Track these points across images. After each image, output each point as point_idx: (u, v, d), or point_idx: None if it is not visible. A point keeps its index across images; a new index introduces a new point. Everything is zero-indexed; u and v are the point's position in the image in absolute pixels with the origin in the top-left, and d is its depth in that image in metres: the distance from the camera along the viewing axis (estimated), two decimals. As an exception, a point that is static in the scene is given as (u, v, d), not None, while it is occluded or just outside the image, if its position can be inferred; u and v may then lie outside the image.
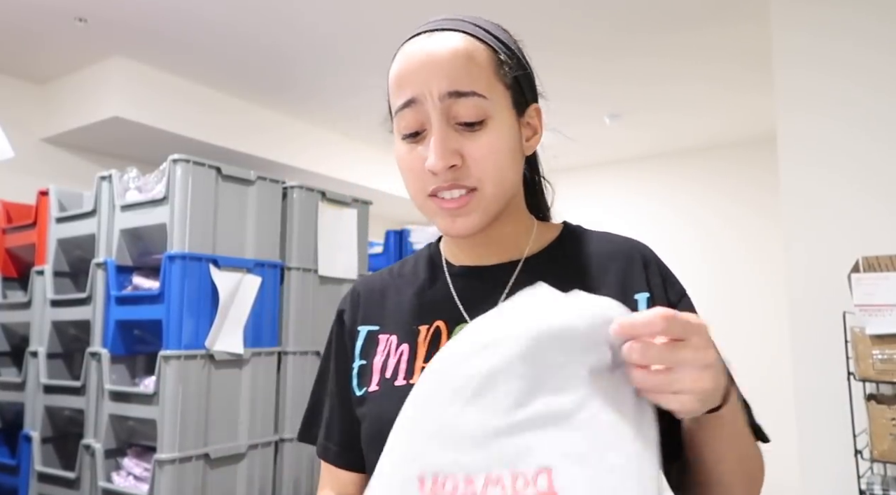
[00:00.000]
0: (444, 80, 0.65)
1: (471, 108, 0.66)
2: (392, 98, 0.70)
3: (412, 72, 0.67)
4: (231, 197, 2.24)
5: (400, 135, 0.70)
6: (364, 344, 0.78)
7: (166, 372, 2.00)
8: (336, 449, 0.79)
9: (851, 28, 2.50)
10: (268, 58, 3.86)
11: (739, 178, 5.22)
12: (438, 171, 0.66)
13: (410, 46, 0.69)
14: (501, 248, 0.75)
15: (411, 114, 0.67)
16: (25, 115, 4.10)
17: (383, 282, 0.82)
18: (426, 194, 0.69)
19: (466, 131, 0.66)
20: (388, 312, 0.78)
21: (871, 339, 1.98)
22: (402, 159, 0.71)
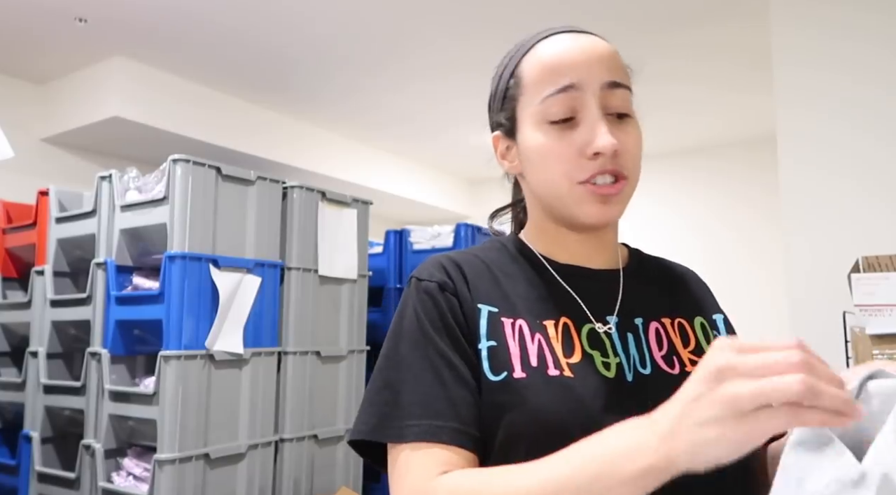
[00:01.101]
0: (606, 70, 0.69)
1: (623, 99, 0.70)
2: (538, 87, 0.71)
3: (574, 60, 0.70)
4: (231, 197, 2.24)
5: (546, 121, 0.70)
6: (489, 324, 0.70)
7: (166, 372, 2.00)
8: (459, 426, 0.65)
9: (851, 26, 2.50)
10: (268, 58, 3.86)
11: (739, 178, 5.22)
12: (609, 152, 0.67)
13: (562, 40, 0.72)
14: (603, 253, 0.77)
15: (566, 99, 0.69)
16: (25, 115, 4.10)
17: (477, 263, 0.75)
18: (577, 181, 0.69)
19: (617, 122, 0.70)
20: (505, 296, 0.72)
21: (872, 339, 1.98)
22: (547, 147, 0.70)
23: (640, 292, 0.75)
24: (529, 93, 0.72)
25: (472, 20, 3.30)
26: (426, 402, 0.66)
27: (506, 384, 0.66)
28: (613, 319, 0.71)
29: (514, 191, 0.89)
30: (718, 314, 0.78)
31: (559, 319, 0.71)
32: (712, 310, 0.79)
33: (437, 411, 0.65)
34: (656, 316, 0.73)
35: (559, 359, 0.68)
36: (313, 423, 2.43)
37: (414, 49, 3.69)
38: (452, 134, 5.19)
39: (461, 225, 3.13)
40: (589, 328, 0.70)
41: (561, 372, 0.67)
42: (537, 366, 0.67)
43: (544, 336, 0.70)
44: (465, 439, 0.65)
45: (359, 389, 2.66)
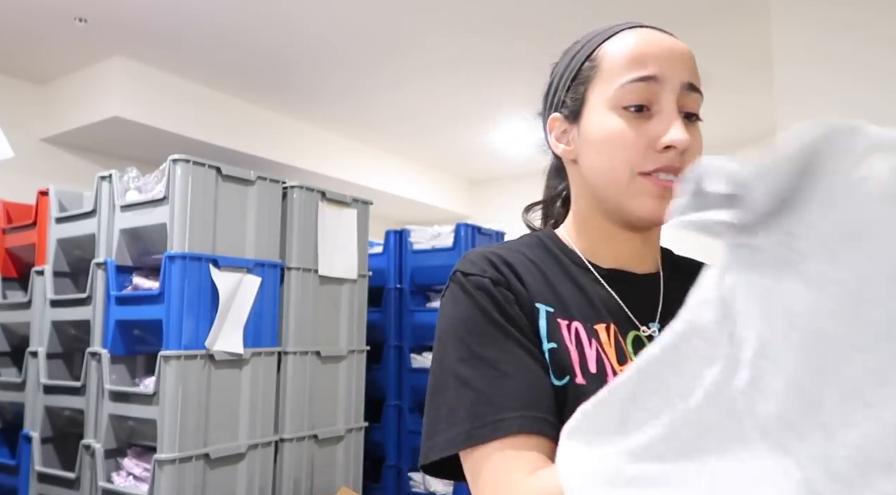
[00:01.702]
0: (688, 71, 0.72)
1: (697, 102, 0.73)
2: (621, 71, 0.71)
3: (660, 54, 0.71)
4: (231, 197, 2.24)
5: (618, 105, 0.70)
6: (548, 324, 0.66)
7: (166, 372, 2.00)
8: (552, 419, 0.61)
9: (851, 25, 2.50)
10: (268, 58, 3.86)
11: (739, 178, 5.22)
12: (682, 147, 0.68)
13: (651, 33, 0.75)
14: (649, 257, 0.76)
15: (646, 89, 0.69)
16: (25, 115, 4.10)
17: (524, 261, 0.71)
18: (638, 171, 0.68)
19: (687, 123, 0.72)
20: (558, 295, 0.69)
21: (872, 339, 1.97)
22: (616, 132, 0.69)
23: (678, 296, 0.66)
24: (606, 77, 0.71)
25: (472, 19, 3.30)
26: (520, 394, 0.61)
27: (567, 389, 0.63)
28: (656, 326, 0.70)
29: (550, 184, 0.83)
30: None
31: (609, 324, 0.68)
32: None
33: (533, 401, 0.61)
34: None
35: (615, 367, 0.65)
36: (313, 423, 2.43)
37: (413, 48, 3.69)
38: (452, 133, 5.19)
39: (461, 225, 3.13)
40: (634, 335, 0.69)
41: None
42: (596, 373, 0.64)
43: (598, 341, 0.67)
44: (557, 431, 0.55)
45: (359, 389, 2.66)
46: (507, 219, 4.95)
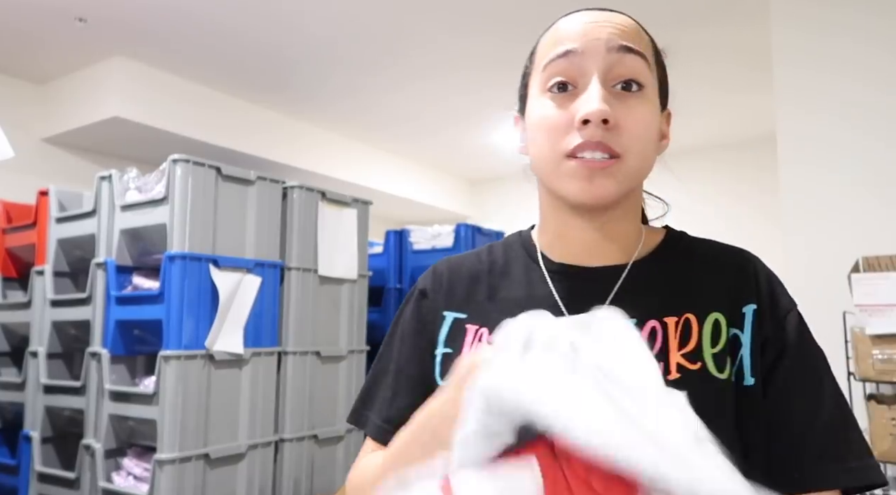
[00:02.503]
0: (617, 33, 0.65)
1: (636, 66, 0.64)
2: (544, 54, 0.67)
3: (581, 27, 0.66)
4: (231, 197, 2.24)
5: (544, 88, 0.66)
6: (450, 331, 0.73)
7: (166, 372, 2.00)
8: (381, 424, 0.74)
9: (851, 27, 2.50)
10: (268, 58, 3.86)
11: (739, 178, 5.22)
12: (595, 118, 0.61)
13: (580, 13, 0.68)
14: (610, 248, 0.70)
15: (566, 64, 0.65)
16: (25, 115, 4.10)
17: (472, 266, 0.77)
18: (565, 153, 0.64)
19: (622, 95, 0.64)
20: (477, 301, 0.73)
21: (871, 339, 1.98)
22: (542, 116, 0.66)
23: (645, 288, 0.68)
24: (537, 64, 0.69)
25: (472, 19, 3.30)
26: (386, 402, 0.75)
27: None
28: None
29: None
30: (751, 305, 0.67)
31: None
32: (744, 300, 0.67)
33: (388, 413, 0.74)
34: (658, 314, 0.66)
35: None
36: (313, 423, 2.43)
37: (413, 48, 3.69)
38: (452, 133, 5.19)
39: (461, 225, 3.13)
40: None
41: None
42: None
43: None
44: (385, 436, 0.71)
45: (358, 389, 2.65)
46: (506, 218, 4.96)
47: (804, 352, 0.66)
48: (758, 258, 0.73)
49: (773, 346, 0.66)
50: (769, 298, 0.68)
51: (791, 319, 0.67)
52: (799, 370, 0.65)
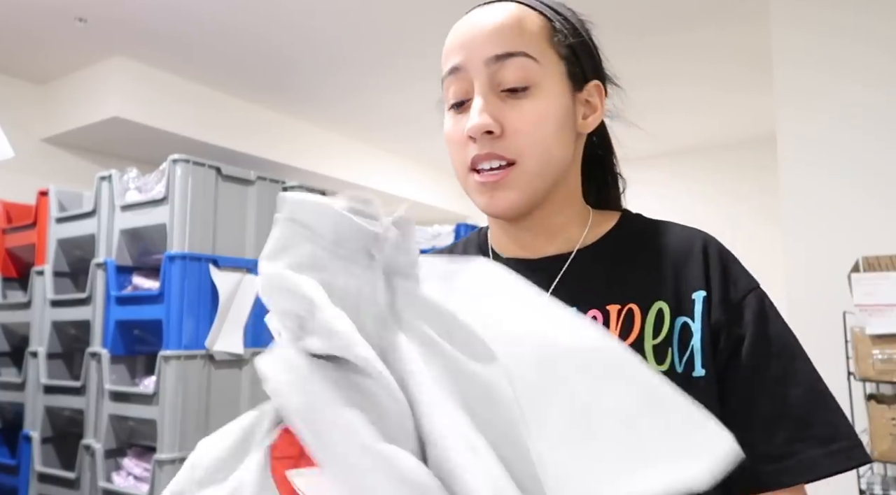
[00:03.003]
0: (490, 43, 0.63)
1: (518, 69, 0.63)
2: (443, 64, 0.68)
3: (461, 39, 0.66)
4: (231, 197, 2.24)
5: (448, 107, 0.68)
6: None
7: (166, 372, 2.00)
8: None
9: (851, 27, 2.50)
10: (268, 58, 3.86)
11: (739, 178, 5.22)
12: (475, 133, 0.62)
13: (463, 19, 0.68)
14: (551, 239, 0.70)
15: (456, 82, 0.66)
16: (25, 115, 4.10)
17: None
18: (467, 168, 0.65)
19: (510, 99, 0.63)
20: None
21: (871, 339, 1.98)
22: (447, 132, 0.68)
23: (591, 276, 0.67)
24: (442, 79, 0.70)
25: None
26: None
27: None
28: None
29: None
30: (700, 291, 0.63)
31: None
32: (693, 286, 0.64)
33: None
34: (600, 303, 0.64)
35: None
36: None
37: (414, 49, 3.69)
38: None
39: (461, 225, 3.13)
40: None
41: None
42: None
43: None
44: None
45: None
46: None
47: (767, 334, 0.62)
48: (712, 239, 0.68)
49: (730, 333, 0.62)
50: (721, 283, 0.64)
51: (750, 302, 0.64)
52: (763, 355, 0.61)
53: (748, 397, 0.60)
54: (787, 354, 0.62)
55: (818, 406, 0.59)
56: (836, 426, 0.58)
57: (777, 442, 0.58)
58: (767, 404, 0.59)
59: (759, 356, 0.61)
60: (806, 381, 0.60)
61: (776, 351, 0.61)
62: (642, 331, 0.62)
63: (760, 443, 0.58)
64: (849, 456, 0.57)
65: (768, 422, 0.59)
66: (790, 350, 0.62)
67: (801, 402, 0.59)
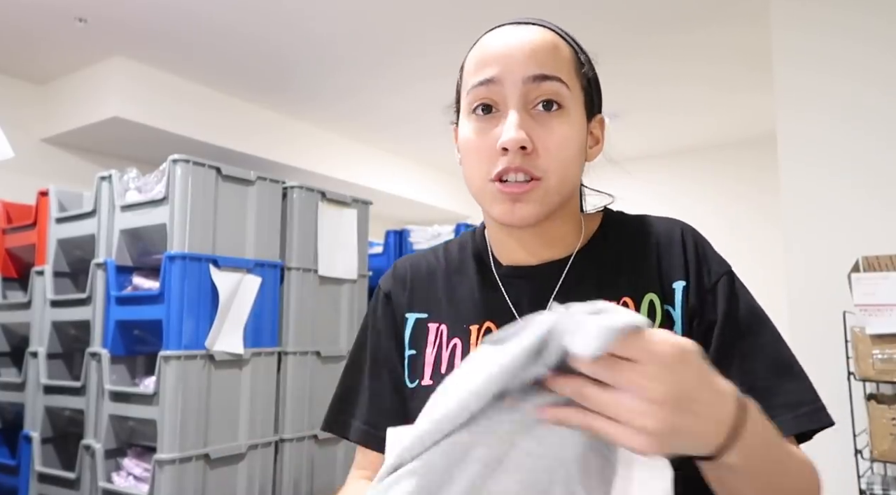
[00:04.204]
0: (531, 63, 0.66)
1: (552, 92, 0.66)
2: (469, 77, 0.70)
3: (498, 53, 0.68)
4: (231, 197, 2.24)
5: (469, 110, 0.69)
6: (413, 332, 0.76)
7: (166, 373, 2.00)
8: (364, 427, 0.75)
9: (851, 27, 2.50)
10: (268, 58, 3.86)
11: (739, 178, 5.22)
12: (512, 147, 0.64)
13: (497, 33, 0.70)
14: (551, 246, 0.73)
15: (487, 92, 0.67)
16: (25, 115, 4.10)
17: (430, 265, 0.80)
18: (489, 177, 0.67)
19: (542, 117, 0.66)
20: (437, 300, 0.76)
21: (871, 339, 1.98)
22: (468, 140, 0.69)
23: (587, 277, 0.71)
24: (465, 84, 0.71)
25: (473, 21, 3.30)
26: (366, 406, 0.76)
27: (415, 391, 0.72)
28: None
29: None
30: (680, 281, 0.68)
31: (483, 323, 0.71)
32: (673, 277, 0.69)
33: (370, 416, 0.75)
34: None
35: None
36: (313, 423, 2.43)
37: (415, 49, 3.69)
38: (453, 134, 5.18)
39: (461, 225, 3.13)
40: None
41: None
42: (445, 373, 0.69)
43: (464, 341, 0.71)
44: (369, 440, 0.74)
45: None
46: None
47: (735, 316, 0.66)
48: (688, 227, 0.73)
49: (703, 319, 0.66)
50: (696, 271, 0.69)
51: (721, 286, 0.68)
52: (732, 334, 0.65)
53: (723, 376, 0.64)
54: (753, 331, 0.66)
55: (783, 375, 0.64)
56: (800, 392, 0.64)
57: None
58: (738, 381, 0.63)
59: (727, 337, 0.65)
60: (770, 354, 0.65)
61: (743, 329, 0.66)
62: None
63: None
64: (812, 418, 0.63)
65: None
66: (756, 326, 0.67)
67: (768, 374, 0.64)
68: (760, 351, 0.65)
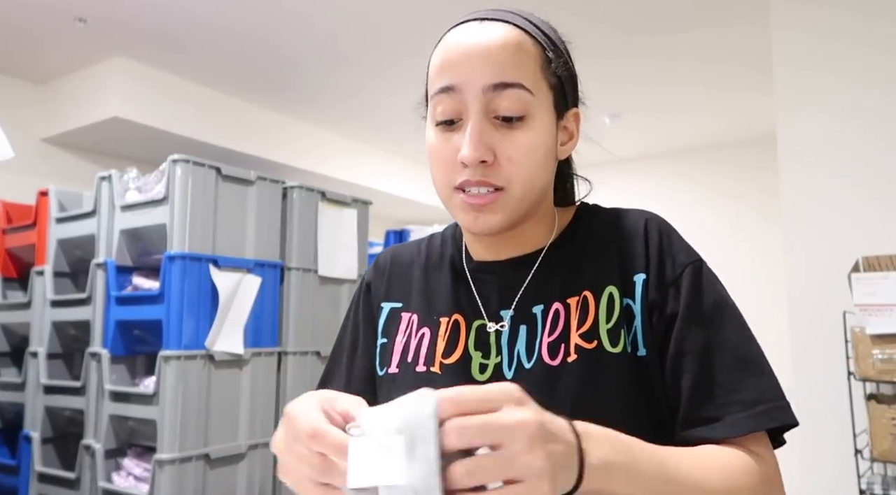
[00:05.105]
0: (491, 70, 0.64)
1: (514, 101, 0.64)
2: (431, 82, 0.68)
3: (458, 58, 0.65)
4: (231, 197, 2.24)
5: (434, 122, 0.68)
6: (386, 321, 0.77)
7: (166, 373, 2.00)
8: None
9: (851, 27, 2.50)
10: (268, 58, 3.86)
11: (739, 178, 5.22)
12: (470, 163, 0.64)
13: (459, 32, 0.68)
14: (521, 243, 0.72)
15: (448, 100, 0.65)
16: (25, 115, 4.10)
17: (410, 256, 0.81)
18: (453, 187, 0.66)
19: (504, 127, 0.64)
20: (412, 291, 0.77)
21: (871, 339, 1.98)
22: (432, 147, 0.69)
23: (555, 272, 0.70)
24: (430, 86, 0.69)
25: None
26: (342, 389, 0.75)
27: (384, 378, 0.74)
28: (508, 314, 0.69)
29: None
30: (640, 273, 0.66)
31: (451, 316, 0.72)
32: (635, 270, 0.67)
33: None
34: (563, 296, 0.68)
35: (434, 357, 0.70)
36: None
37: (414, 49, 3.69)
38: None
39: (461, 225, 3.12)
40: (478, 326, 0.70)
41: (428, 368, 0.69)
42: (410, 362, 0.71)
43: (433, 332, 0.72)
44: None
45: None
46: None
47: (698, 308, 0.64)
48: (653, 218, 0.71)
49: (662, 312, 0.65)
50: (658, 263, 0.67)
51: (685, 278, 0.66)
52: (693, 329, 0.64)
53: (678, 371, 0.63)
54: (716, 324, 0.64)
55: (744, 371, 0.62)
56: (761, 390, 0.61)
57: (708, 409, 0.61)
58: (696, 375, 0.63)
59: (688, 330, 0.64)
60: (732, 348, 0.63)
61: (706, 322, 0.64)
62: (597, 316, 0.65)
63: (693, 412, 0.62)
64: (770, 416, 0.60)
65: (698, 392, 0.62)
66: (720, 320, 0.65)
67: (728, 370, 0.62)
68: (723, 345, 0.63)
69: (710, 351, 0.63)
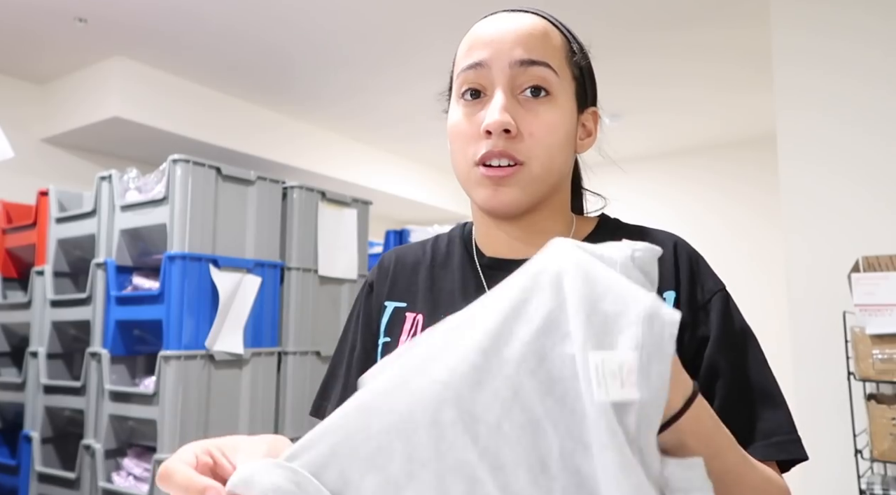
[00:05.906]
0: (518, 47, 0.66)
1: (539, 78, 0.66)
2: (458, 63, 0.71)
3: (488, 38, 0.68)
4: (231, 197, 2.24)
5: (458, 95, 0.69)
6: (389, 320, 0.77)
7: (166, 373, 2.00)
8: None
9: (851, 27, 2.50)
10: (268, 58, 3.86)
11: (739, 178, 5.22)
12: (495, 130, 0.64)
13: (488, 21, 0.70)
14: (537, 244, 0.70)
15: (475, 76, 0.67)
16: (25, 115, 4.10)
17: (416, 257, 0.80)
18: (474, 161, 0.67)
19: (528, 102, 0.66)
20: (417, 290, 0.77)
21: (871, 339, 1.97)
22: (456, 123, 0.70)
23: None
24: (456, 68, 0.72)
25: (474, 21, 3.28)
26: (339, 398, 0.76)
27: None
28: None
29: None
30: (670, 292, 0.67)
31: None
32: (664, 287, 0.67)
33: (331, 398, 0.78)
34: None
35: None
36: (313, 423, 2.43)
37: (415, 49, 3.69)
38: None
39: (461, 225, 3.12)
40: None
41: None
42: None
43: None
44: None
45: (359, 389, 2.65)
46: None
47: (727, 335, 0.66)
48: (682, 242, 0.72)
49: (694, 333, 0.65)
50: (689, 284, 0.68)
51: (715, 303, 0.67)
52: (723, 352, 0.65)
53: (709, 395, 0.64)
54: (743, 353, 0.66)
55: (763, 402, 0.64)
56: (777, 422, 0.63)
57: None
58: (721, 401, 0.63)
59: (719, 354, 0.65)
60: (755, 378, 0.65)
61: (735, 349, 0.66)
62: None
63: None
64: (785, 449, 0.62)
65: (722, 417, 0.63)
66: (746, 348, 0.66)
67: (749, 398, 0.64)
68: (746, 373, 0.65)
69: (735, 378, 0.64)
